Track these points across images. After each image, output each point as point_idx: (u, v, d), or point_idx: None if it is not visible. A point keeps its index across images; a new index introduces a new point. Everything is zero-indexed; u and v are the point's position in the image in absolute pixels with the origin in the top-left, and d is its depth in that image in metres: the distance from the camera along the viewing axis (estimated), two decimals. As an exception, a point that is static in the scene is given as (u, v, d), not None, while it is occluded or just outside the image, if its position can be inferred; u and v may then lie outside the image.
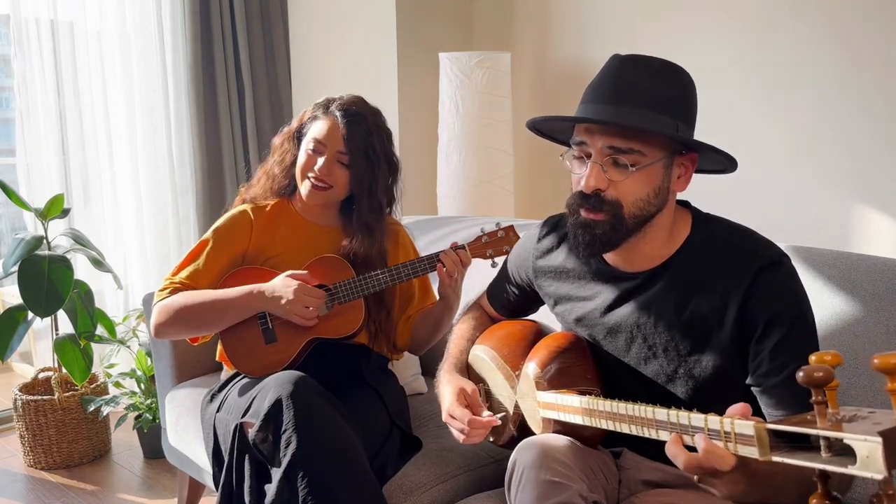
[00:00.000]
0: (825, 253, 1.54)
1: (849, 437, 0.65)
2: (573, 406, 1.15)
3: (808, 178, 2.41)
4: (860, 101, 2.29)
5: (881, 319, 1.39)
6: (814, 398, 0.71)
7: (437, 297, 1.79)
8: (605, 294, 1.27)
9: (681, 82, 1.17)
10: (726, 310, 1.13)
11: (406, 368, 2.04)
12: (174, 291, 1.69)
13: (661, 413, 0.93)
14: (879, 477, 0.63)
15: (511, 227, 1.71)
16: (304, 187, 1.73)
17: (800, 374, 0.72)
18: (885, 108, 2.24)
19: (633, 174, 1.13)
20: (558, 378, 1.25)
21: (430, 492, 1.55)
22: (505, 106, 2.80)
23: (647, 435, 0.97)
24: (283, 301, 1.60)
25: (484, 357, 1.43)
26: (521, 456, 1.20)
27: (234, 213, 1.80)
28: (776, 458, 0.74)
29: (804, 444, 0.73)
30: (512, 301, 1.54)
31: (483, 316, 1.59)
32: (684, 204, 1.26)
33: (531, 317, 1.57)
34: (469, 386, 1.37)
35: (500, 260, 1.67)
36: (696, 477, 0.89)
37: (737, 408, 0.88)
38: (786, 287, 1.13)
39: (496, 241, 1.70)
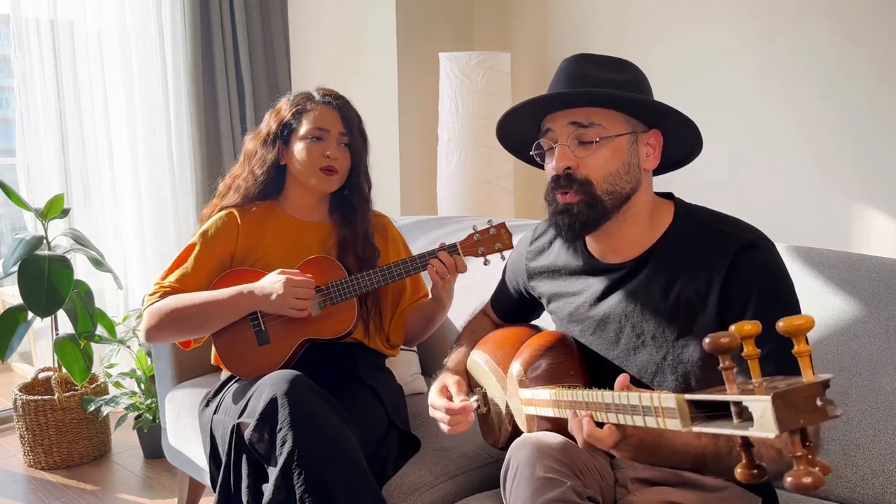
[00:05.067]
0: (825, 253, 1.54)
1: (746, 399, 0.66)
2: (545, 399, 1.16)
3: (809, 178, 2.41)
4: (862, 102, 2.29)
5: (881, 319, 1.39)
6: (721, 365, 0.71)
7: (429, 291, 1.79)
8: (594, 287, 1.29)
9: (630, 71, 1.22)
10: (710, 293, 1.15)
11: (406, 368, 2.04)
12: (164, 295, 1.69)
13: (608, 396, 0.95)
14: (772, 436, 0.63)
15: (503, 224, 1.69)
16: (315, 179, 1.73)
17: (706, 340, 0.72)
18: (887, 108, 2.24)
19: (599, 149, 1.17)
20: (543, 376, 1.25)
21: (430, 492, 1.55)
22: (505, 106, 2.78)
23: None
24: (274, 296, 1.60)
25: (479, 361, 1.44)
26: (515, 453, 1.20)
27: (221, 215, 1.79)
28: (696, 429, 0.75)
29: (723, 413, 0.73)
30: (512, 307, 1.56)
31: (485, 322, 1.61)
32: (668, 196, 1.28)
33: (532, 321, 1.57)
34: (452, 380, 1.39)
35: (492, 258, 1.67)
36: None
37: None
38: (763, 269, 1.14)
39: (487, 239, 1.68)
